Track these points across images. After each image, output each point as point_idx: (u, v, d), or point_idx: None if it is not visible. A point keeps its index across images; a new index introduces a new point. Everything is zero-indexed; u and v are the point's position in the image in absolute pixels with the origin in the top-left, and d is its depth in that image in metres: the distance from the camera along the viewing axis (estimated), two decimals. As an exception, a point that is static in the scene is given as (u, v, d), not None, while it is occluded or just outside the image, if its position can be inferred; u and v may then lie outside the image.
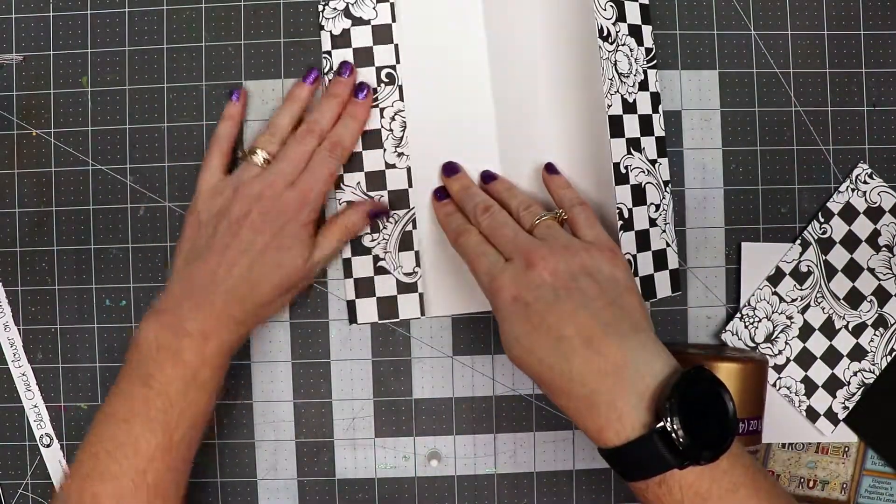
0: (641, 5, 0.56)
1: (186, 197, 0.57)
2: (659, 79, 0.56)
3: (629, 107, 0.54)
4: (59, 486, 0.48)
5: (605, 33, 0.53)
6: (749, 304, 0.57)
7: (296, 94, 0.56)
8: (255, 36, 0.57)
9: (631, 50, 0.55)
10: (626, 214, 0.53)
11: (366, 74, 0.56)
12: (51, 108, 0.57)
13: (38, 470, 0.57)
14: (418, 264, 0.57)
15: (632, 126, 0.54)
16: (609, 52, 0.53)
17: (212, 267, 0.50)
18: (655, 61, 0.56)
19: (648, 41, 0.56)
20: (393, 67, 0.56)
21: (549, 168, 0.55)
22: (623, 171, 0.53)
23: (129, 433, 0.47)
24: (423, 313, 0.57)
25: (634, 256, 0.54)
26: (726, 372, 0.51)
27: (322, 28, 0.57)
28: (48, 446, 0.57)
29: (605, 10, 0.53)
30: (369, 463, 0.57)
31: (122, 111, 0.57)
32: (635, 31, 0.55)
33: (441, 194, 0.56)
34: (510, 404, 0.57)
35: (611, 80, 0.53)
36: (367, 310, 0.57)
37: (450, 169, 0.56)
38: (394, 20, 0.56)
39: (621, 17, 0.54)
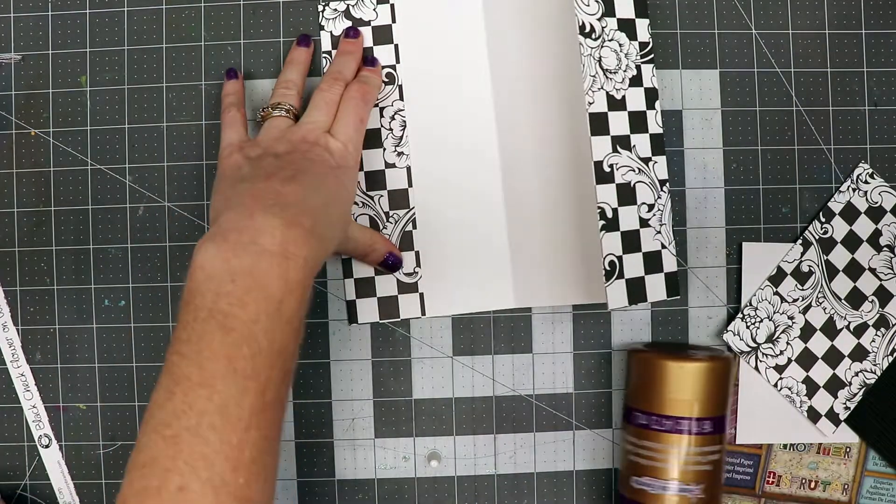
0: None
1: (186, 197, 0.57)
2: (655, 73, 0.56)
3: (617, 104, 0.54)
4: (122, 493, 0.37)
5: (588, 29, 0.53)
6: (750, 305, 0.57)
7: (294, 57, 0.55)
8: (254, 35, 0.57)
9: (620, 45, 0.54)
10: (609, 214, 0.53)
11: None
12: (49, 108, 0.57)
13: (37, 471, 0.57)
14: (419, 264, 0.56)
15: (619, 123, 0.54)
16: (592, 48, 0.53)
17: (274, 184, 0.43)
18: (651, 56, 0.56)
19: (643, 35, 0.55)
20: (393, 67, 0.56)
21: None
22: (607, 169, 0.53)
23: (210, 399, 0.36)
24: (423, 313, 0.56)
25: (620, 258, 0.53)
26: (688, 371, 0.51)
27: (322, 28, 0.56)
28: (47, 447, 0.57)
29: (587, 5, 0.53)
30: (369, 463, 0.57)
31: (121, 111, 0.57)
32: (627, 26, 0.55)
33: None
34: (510, 405, 0.57)
35: (593, 76, 0.53)
36: (368, 310, 0.57)
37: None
38: (394, 21, 0.56)
39: (609, 11, 0.54)
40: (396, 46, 0.56)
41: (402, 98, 0.56)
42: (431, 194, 0.57)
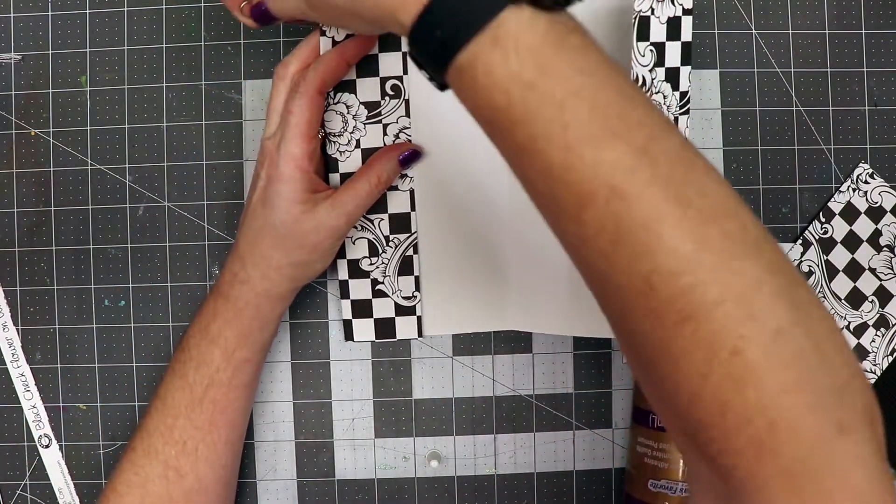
0: (683, 43, 0.52)
1: (186, 197, 0.57)
2: (689, 125, 0.53)
3: None
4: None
5: (641, 82, 0.50)
6: (750, 305, 0.57)
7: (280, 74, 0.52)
8: (254, 35, 0.57)
9: (665, 97, 0.52)
10: None
11: (369, 85, 0.53)
12: (49, 108, 0.57)
13: (37, 471, 0.57)
14: (417, 289, 0.55)
15: None
16: None
17: (242, 230, 0.51)
18: (689, 106, 0.53)
19: (685, 84, 0.52)
20: (400, 79, 0.52)
21: None
22: None
23: (157, 393, 0.51)
24: (420, 335, 0.56)
25: None
26: None
27: (324, 34, 0.50)
28: (47, 447, 0.57)
29: (643, 55, 0.50)
30: (369, 463, 0.57)
31: (121, 111, 0.57)
32: (672, 75, 0.52)
33: None
34: (510, 405, 0.57)
35: None
36: (364, 329, 0.56)
37: None
38: None
39: (660, 61, 0.51)
40: (405, 55, 0.52)
41: (408, 114, 0.53)
42: (435, 219, 0.55)
